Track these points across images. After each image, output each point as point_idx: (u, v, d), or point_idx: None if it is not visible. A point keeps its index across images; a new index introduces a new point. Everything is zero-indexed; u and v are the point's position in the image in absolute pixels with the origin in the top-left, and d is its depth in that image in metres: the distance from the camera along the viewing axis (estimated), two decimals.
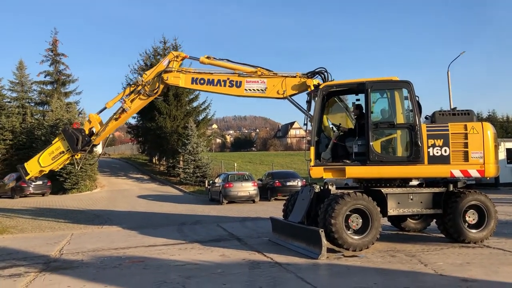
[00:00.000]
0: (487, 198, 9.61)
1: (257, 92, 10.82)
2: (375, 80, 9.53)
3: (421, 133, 9.16)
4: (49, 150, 11.98)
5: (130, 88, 11.76)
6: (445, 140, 9.23)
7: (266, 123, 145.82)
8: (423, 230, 11.37)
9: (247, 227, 13.56)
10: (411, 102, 9.31)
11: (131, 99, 11.58)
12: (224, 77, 11.00)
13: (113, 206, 22.23)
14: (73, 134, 11.62)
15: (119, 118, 11.76)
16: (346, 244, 8.72)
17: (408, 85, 9.36)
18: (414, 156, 9.13)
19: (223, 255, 9.12)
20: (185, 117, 36.43)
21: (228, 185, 22.40)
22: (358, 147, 9.52)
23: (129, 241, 11.50)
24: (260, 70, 10.81)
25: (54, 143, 12.01)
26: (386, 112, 9.72)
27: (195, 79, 11.25)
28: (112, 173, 41.25)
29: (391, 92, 9.58)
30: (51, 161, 11.91)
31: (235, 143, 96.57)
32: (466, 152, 9.21)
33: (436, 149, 9.22)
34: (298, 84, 10.58)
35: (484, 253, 8.51)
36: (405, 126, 9.29)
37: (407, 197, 9.43)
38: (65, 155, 11.85)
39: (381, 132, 9.45)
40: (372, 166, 9.25)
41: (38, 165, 11.96)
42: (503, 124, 56.44)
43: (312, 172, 9.66)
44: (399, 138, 9.40)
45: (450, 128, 9.30)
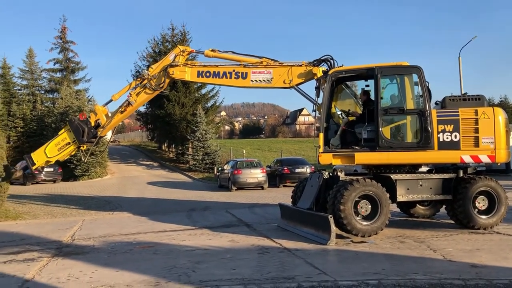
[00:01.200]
0: (497, 184, 9.54)
1: (263, 82, 10.80)
2: (384, 66, 9.44)
3: (431, 119, 9.09)
4: (55, 141, 12.07)
5: (136, 81, 11.80)
6: (455, 125, 9.16)
7: (274, 110, 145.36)
8: (432, 216, 11.35)
9: (256, 213, 13.63)
10: (421, 88, 9.22)
11: (137, 92, 11.61)
12: (229, 69, 10.97)
13: (123, 193, 22.45)
14: (79, 126, 11.67)
15: (124, 111, 11.80)
16: (355, 230, 8.74)
17: (418, 70, 9.26)
18: (424, 142, 9.07)
19: (232, 240, 9.20)
20: (193, 104, 36.44)
21: (237, 172, 22.47)
22: (367, 133, 9.46)
23: (139, 227, 11.63)
24: (265, 60, 10.77)
25: (60, 134, 12.10)
26: (396, 98, 9.65)
27: (201, 72, 11.25)
28: (122, 160, 41.56)
29: (401, 78, 9.50)
30: (57, 152, 11.99)
31: (243, 130, 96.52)
32: (476, 137, 9.13)
33: (446, 134, 9.15)
34: (304, 73, 10.53)
35: (494, 239, 8.49)
36: (415, 112, 9.22)
37: (417, 183, 9.40)
38: (71, 147, 11.92)
39: (391, 118, 9.37)
40: (382, 152, 9.20)
41: (44, 155, 12.04)
42: None
43: (321, 159, 9.64)
44: (409, 123, 9.32)
45: (460, 114, 9.21)
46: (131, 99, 11.55)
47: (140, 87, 11.61)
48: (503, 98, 57.31)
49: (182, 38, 38.07)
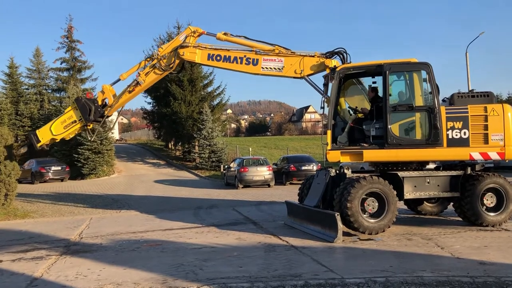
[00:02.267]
0: (506, 181, 9.47)
1: (274, 70, 10.66)
2: (393, 62, 9.39)
3: (440, 116, 9.04)
4: (61, 119, 11.94)
5: (146, 61, 11.59)
6: (464, 122, 9.13)
7: (280, 107, 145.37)
8: (440, 213, 11.30)
9: (263, 211, 13.64)
10: (430, 84, 9.16)
11: (146, 72, 11.44)
12: (241, 54, 10.83)
13: (131, 191, 22.54)
14: (86, 104, 11.53)
15: (132, 91, 11.63)
16: (362, 228, 8.72)
17: (427, 67, 9.21)
18: (433, 139, 9.02)
19: (239, 238, 9.21)
20: (200, 102, 36.48)
21: (243, 170, 22.48)
22: (375, 130, 9.40)
23: (147, 225, 11.68)
24: (278, 48, 10.60)
25: (67, 112, 11.96)
26: (405, 95, 9.59)
27: (211, 55, 11.07)
28: (129, 158, 41.73)
29: (410, 74, 9.44)
30: (63, 130, 11.87)
31: (249, 127, 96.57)
32: (486, 134, 9.10)
33: (455, 131, 9.13)
34: (316, 64, 10.36)
35: (502, 236, 8.43)
36: (424, 109, 9.17)
37: (424, 181, 9.35)
38: (77, 125, 11.79)
39: (400, 115, 9.28)
40: (390, 150, 9.16)
41: (49, 132, 11.93)
42: None
43: (329, 156, 9.58)
44: (418, 120, 9.26)
45: (469, 110, 9.18)
46: (140, 78, 11.41)
47: (149, 67, 11.43)
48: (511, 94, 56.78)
49: None
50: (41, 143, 12.04)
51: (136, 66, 11.61)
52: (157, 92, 38.34)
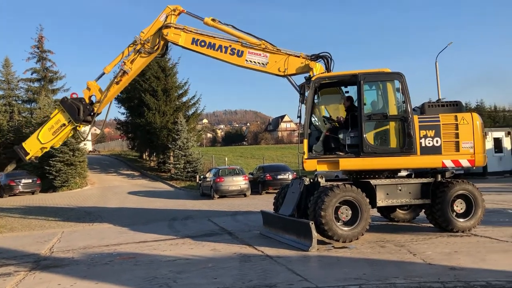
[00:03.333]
0: (474, 187, 9.72)
1: (257, 65, 10.58)
2: (367, 72, 9.56)
3: (413, 124, 9.25)
4: (48, 125, 11.13)
5: (128, 49, 11.12)
6: (436, 130, 9.37)
7: (256, 116, 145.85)
8: (412, 220, 11.49)
9: (238, 221, 13.59)
10: (403, 94, 9.37)
11: (131, 59, 11.04)
12: (226, 44, 10.69)
13: (104, 203, 22.14)
14: (73, 104, 10.89)
15: (120, 82, 11.17)
16: (336, 236, 8.78)
17: (400, 76, 9.43)
18: (407, 147, 9.21)
19: (214, 249, 9.14)
20: (174, 112, 36.26)
21: (219, 180, 22.40)
22: (351, 139, 9.52)
23: (120, 237, 11.47)
24: (264, 43, 10.52)
25: (53, 117, 11.17)
26: (379, 104, 9.78)
27: (195, 40, 10.83)
28: (102, 170, 41.01)
29: (383, 84, 9.64)
30: (51, 136, 11.08)
31: (226, 137, 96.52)
32: (457, 142, 9.38)
33: (428, 140, 9.35)
34: (301, 66, 10.39)
35: (471, 242, 8.63)
36: (398, 118, 9.36)
37: (396, 188, 9.51)
38: (67, 128, 11.08)
39: (374, 124, 9.46)
40: (366, 158, 9.29)
41: (38, 142, 11.09)
42: (491, 114, 57.00)
43: (305, 165, 9.60)
44: (392, 129, 9.44)
45: (441, 119, 9.44)
46: (126, 67, 10.99)
47: (134, 53, 11.03)
48: (479, 102, 58.57)
49: None
50: (30, 156, 11.23)
51: (119, 56, 11.16)
52: (131, 102, 37.98)
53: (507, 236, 8.83)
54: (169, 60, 37.85)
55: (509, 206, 13.28)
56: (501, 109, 62.77)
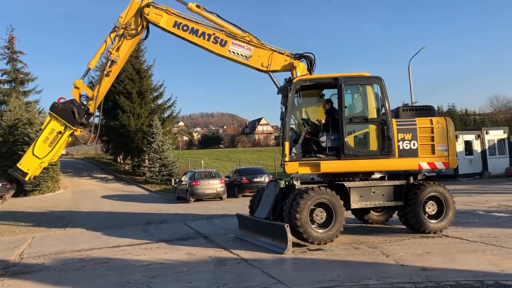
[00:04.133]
0: (445, 189, 9.94)
1: (240, 57, 10.39)
2: (348, 76, 9.68)
3: (392, 128, 9.43)
4: (42, 138, 10.19)
5: (110, 36, 10.50)
6: (413, 134, 9.62)
7: (233, 119, 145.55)
8: (386, 222, 11.66)
9: (214, 224, 13.53)
10: (382, 97, 9.55)
11: (116, 47, 10.49)
12: (210, 31, 10.37)
13: (77, 207, 21.72)
14: (65, 108, 10.10)
15: (110, 73, 10.54)
16: (311, 238, 8.83)
17: (380, 80, 9.61)
18: (386, 150, 9.38)
19: (189, 253, 9.07)
20: (149, 115, 35.92)
21: (195, 183, 22.28)
22: (331, 142, 9.57)
23: (93, 242, 11.27)
24: (249, 36, 10.36)
25: (46, 127, 10.23)
26: (359, 107, 9.91)
27: (178, 23, 10.43)
28: (75, 173, 40.23)
29: (363, 88, 9.78)
30: (48, 149, 10.12)
31: (202, 140, 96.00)
32: (432, 145, 9.67)
33: (405, 143, 9.58)
34: (284, 63, 10.36)
35: (442, 242, 8.81)
36: (378, 121, 9.51)
37: (369, 190, 9.64)
38: (64, 135, 10.18)
39: (355, 127, 9.57)
40: (347, 161, 9.37)
41: (34, 158, 10.09)
42: (462, 117, 58.48)
43: (287, 168, 9.51)
44: (373, 132, 9.57)
45: (417, 123, 9.71)
46: (113, 56, 10.38)
47: (118, 40, 10.49)
48: (451, 106, 59.99)
49: (137, 48, 37.54)
50: (30, 175, 10.17)
51: (102, 47, 10.55)
52: (105, 105, 37.32)
53: (476, 237, 9.05)
54: (144, 62, 37.58)
55: (478, 207, 13.63)
56: (471, 113, 64.53)
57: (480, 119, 60.99)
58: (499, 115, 69.90)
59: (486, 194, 18.00)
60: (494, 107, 74.91)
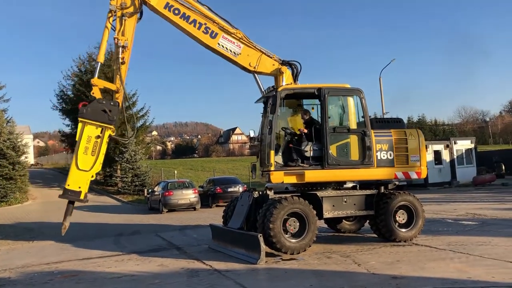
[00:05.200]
0: (415, 198, 10.16)
1: (229, 52, 10.28)
2: (331, 86, 9.87)
3: (371, 138, 9.67)
4: (81, 149, 9.46)
5: (109, 21, 9.92)
6: (390, 144, 9.95)
7: (208, 129, 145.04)
8: (358, 231, 11.80)
9: (187, 235, 13.41)
10: (362, 109, 9.80)
11: (120, 31, 9.89)
12: (202, 20, 10.16)
13: (46, 219, 21.11)
14: (95, 109, 9.50)
15: (124, 59, 9.94)
16: (284, 248, 8.86)
17: (360, 92, 9.88)
18: (367, 160, 9.60)
19: (161, 265, 8.96)
20: (122, 124, 35.21)
21: (168, 193, 22.05)
22: (314, 151, 9.66)
23: (62, 255, 11.01)
24: (240, 33, 10.30)
25: (82, 137, 9.49)
26: (341, 117, 10.11)
27: (169, 5, 10.06)
28: (45, 184, 39.20)
29: (345, 99, 10.01)
30: (92, 158, 9.46)
31: (176, 150, 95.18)
32: (407, 156, 10.04)
33: (383, 153, 9.87)
34: (272, 67, 10.42)
35: (412, 251, 8.98)
36: (359, 131, 9.73)
37: (341, 200, 9.76)
38: (104, 137, 9.60)
39: (337, 137, 9.72)
40: (330, 170, 9.51)
41: (82, 173, 9.39)
42: (432, 127, 60.03)
43: (272, 177, 9.45)
44: (354, 142, 9.75)
45: (393, 134, 10.05)
46: (122, 41, 9.80)
47: (119, 23, 9.94)
48: (421, 116, 61.57)
49: (109, 57, 37.05)
50: (84, 192, 9.50)
51: (105, 37, 9.99)
52: (76, 114, 36.71)
53: (445, 245, 9.27)
54: None
55: (447, 216, 13.95)
56: (441, 123, 66.32)
57: (449, 129, 62.79)
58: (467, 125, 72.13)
59: (454, 202, 18.47)
60: (462, 117, 77.34)
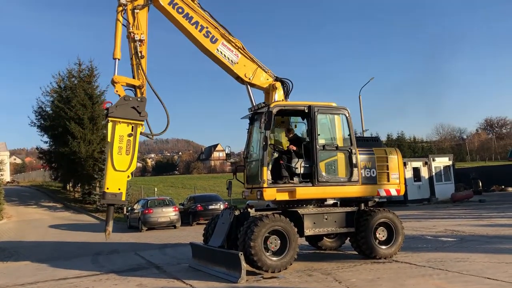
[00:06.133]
0: (394, 215, 10.27)
1: (226, 60, 10.25)
2: (320, 104, 9.98)
3: (357, 156, 9.86)
4: (115, 150, 9.07)
5: (121, 16, 9.58)
6: (372, 163, 10.22)
7: (189, 145, 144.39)
8: (339, 248, 11.83)
9: (167, 254, 13.22)
10: (348, 127, 10.02)
11: (134, 25, 9.62)
12: (204, 24, 10.11)
13: (21, 238, 20.60)
14: (123, 107, 9.13)
15: (143, 52, 9.70)
16: (265, 266, 8.79)
17: (346, 111, 10.11)
18: (354, 177, 9.77)
19: (140, 284, 8.80)
20: (101, 141, 34.98)
21: (148, 211, 21.80)
22: (304, 168, 9.69)
23: (38, 275, 10.70)
24: (239, 42, 10.34)
25: (114, 137, 9.09)
26: (328, 135, 10.23)
27: (174, 2, 9.90)
28: (21, 202, 38.27)
29: (332, 117, 10.17)
30: (127, 157, 9.17)
31: (156, 167, 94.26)
32: (388, 173, 10.34)
33: (366, 170, 10.12)
34: (266, 81, 10.52)
35: (393, 268, 9.03)
36: (346, 149, 9.89)
37: (322, 217, 9.78)
38: (136, 134, 9.30)
39: (327, 154, 9.79)
40: (319, 187, 9.58)
41: (119, 174, 9.06)
42: (411, 145, 60.93)
43: (265, 194, 9.32)
44: (342, 160, 9.88)
45: (375, 153, 10.32)
46: (138, 35, 9.55)
47: (131, 16, 9.64)
48: (400, 134, 62.42)
49: (89, 73, 36.92)
50: (124, 193, 9.21)
51: (118, 32, 9.62)
52: (55, 131, 36.23)
53: (424, 261, 9.35)
54: (97, 87, 36.84)
55: (427, 232, 14.10)
56: (419, 140, 67.40)
57: (427, 147, 63.85)
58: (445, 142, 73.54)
59: (433, 219, 18.69)
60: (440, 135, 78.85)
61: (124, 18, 9.67)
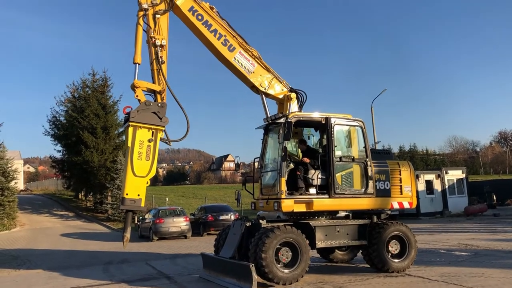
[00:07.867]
0: (407, 228, 10.17)
1: (243, 68, 10.29)
2: (336, 116, 10.01)
3: (372, 168, 9.87)
4: (135, 155, 8.97)
5: (141, 21, 9.51)
6: (386, 175, 10.21)
7: (200, 156, 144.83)
8: (350, 261, 11.72)
9: (178, 264, 13.21)
10: (363, 139, 10.01)
11: (155, 30, 9.58)
12: (223, 32, 10.15)
13: (34, 246, 20.74)
14: (144, 112, 9.04)
15: (163, 57, 9.63)
16: (276, 278, 8.73)
17: (362, 123, 10.14)
18: (369, 189, 9.78)
19: None
20: (114, 150, 35.28)
21: (159, 221, 21.82)
22: (320, 180, 9.65)
23: (50, 283, 10.77)
24: (256, 52, 10.38)
25: (135, 142, 9.00)
26: (344, 147, 10.25)
27: (194, 9, 9.94)
28: (34, 210, 38.63)
29: (348, 129, 10.17)
30: (147, 163, 9.09)
31: (167, 176, 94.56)
32: (400, 186, 10.33)
33: (381, 183, 10.11)
34: (281, 91, 10.59)
35: (405, 282, 8.91)
36: (362, 161, 9.89)
37: (334, 229, 9.71)
38: (157, 140, 9.22)
39: (343, 166, 9.81)
40: (336, 199, 9.55)
41: (139, 180, 9.03)
42: (423, 157, 60.43)
43: (283, 205, 9.27)
44: (357, 172, 9.89)
45: (389, 165, 10.34)
46: (159, 40, 9.50)
47: (152, 21, 9.60)
48: (413, 146, 61.99)
49: (103, 83, 37.35)
50: (143, 199, 9.22)
51: (139, 37, 9.51)
52: (68, 140, 36.64)
53: (437, 276, 9.21)
54: (110, 97, 37.24)
55: (440, 246, 13.91)
56: (432, 153, 66.77)
57: (440, 159, 63.18)
58: (458, 155, 72.68)
59: (447, 232, 18.43)
60: (453, 147, 78.02)
61: (145, 23, 9.63)
